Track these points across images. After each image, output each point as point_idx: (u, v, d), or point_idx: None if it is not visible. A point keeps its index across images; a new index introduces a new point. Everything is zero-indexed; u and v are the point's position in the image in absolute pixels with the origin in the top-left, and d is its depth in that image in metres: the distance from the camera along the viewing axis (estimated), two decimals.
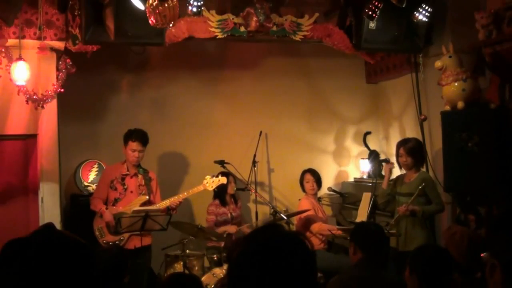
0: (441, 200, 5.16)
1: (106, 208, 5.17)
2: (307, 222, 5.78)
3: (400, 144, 5.34)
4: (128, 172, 5.34)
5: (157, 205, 5.23)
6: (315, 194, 6.01)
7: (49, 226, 1.43)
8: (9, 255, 1.34)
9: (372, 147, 6.93)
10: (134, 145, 5.26)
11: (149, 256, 5.36)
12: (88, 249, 1.41)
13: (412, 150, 5.23)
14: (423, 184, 5.03)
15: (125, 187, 5.30)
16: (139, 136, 5.27)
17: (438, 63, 5.23)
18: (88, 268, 1.38)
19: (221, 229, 5.75)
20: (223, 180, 5.58)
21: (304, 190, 6.04)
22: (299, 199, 6.09)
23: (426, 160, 5.61)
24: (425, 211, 5.04)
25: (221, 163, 5.74)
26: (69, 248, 1.38)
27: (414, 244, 5.03)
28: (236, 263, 1.46)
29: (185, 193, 5.40)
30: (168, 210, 5.24)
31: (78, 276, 1.35)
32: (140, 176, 5.37)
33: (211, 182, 5.47)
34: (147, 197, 5.29)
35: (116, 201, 5.27)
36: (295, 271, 1.40)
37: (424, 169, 5.46)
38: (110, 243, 5.08)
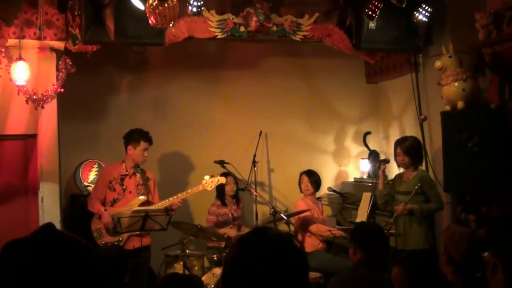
0: (439, 198, 5.16)
1: (105, 209, 5.17)
2: (304, 223, 5.78)
3: (397, 143, 5.34)
4: (127, 172, 5.34)
5: (156, 205, 5.23)
6: (312, 195, 5.98)
7: (49, 226, 1.42)
8: (9, 256, 1.34)
9: (372, 147, 6.93)
10: (146, 145, 5.29)
11: (148, 256, 5.36)
12: (88, 249, 1.41)
13: (409, 149, 5.22)
14: (419, 184, 5.03)
15: (124, 187, 5.29)
16: (148, 136, 5.32)
17: (438, 63, 5.24)
18: (88, 268, 1.38)
19: (221, 232, 5.74)
20: (222, 180, 5.57)
21: (301, 191, 6.05)
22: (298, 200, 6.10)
23: (426, 159, 5.61)
24: (423, 209, 5.04)
25: (221, 163, 5.74)
26: (69, 248, 1.38)
27: (412, 242, 5.05)
28: (228, 267, 1.48)
29: (184, 193, 5.39)
30: (167, 210, 5.24)
31: (78, 276, 1.35)
32: (138, 176, 5.37)
33: (210, 182, 5.46)
34: (146, 197, 5.29)
35: (115, 201, 5.26)
36: (285, 273, 1.43)
37: (423, 167, 5.46)
38: (109, 244, 5.07)
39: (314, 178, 5.97)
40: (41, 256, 1.33)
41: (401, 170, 5.43)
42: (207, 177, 5.48)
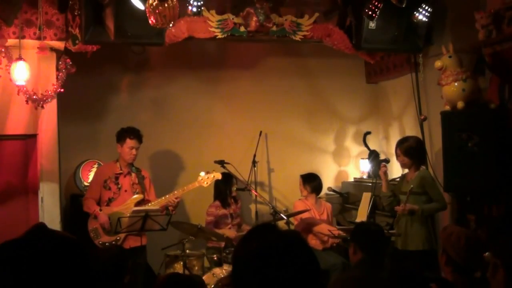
0: (442, 197, 5.15)
1: (100, 209, 5.16)
2: (309, 225, 5.78)
3: (397, 144, 5.35)
4: (121, 171, 5.33)
5: (153, 203, 5.23)
6: (308, 197, 5.96)
7: (41, 226, 1.42)
8: (1, 258, 1.33)
9: (372, 147, 6.93)
10: (132, 142, 5.26)
11: (145, 256, 5.37)
12: (81, 248, 1.40)
13: (408, 150, 5.22)
14: (412, 186, 5.02)
15: (119, 186, 5.29)
16: (136, 134, 5.29)
17: (438, 63, 5.23)
18: (81, 266, 1.37)
19: (219, 233, 5.74)
20: (217, 176, 5.55)
21: None
22: (298, 199, 6.10)
23: (426, 159, 5.60)
24: (424, 209, 5.03)
25: (221, 163, 5.74)
26: (62, 247, 1.36)
27: (412, 243, 5.04)
28: (240, 264, 1.47)
29: (181, 190, 5.38)
30: (167, 209, 5.24)
31: (73, 275, 1.34)
32: (133, 175, 5.36)
33: (206, 179, 5.44)
34: (142, 195, 5.29)
35: (110, 201, 5.25)
36: (300, 269, 1.43)
37: (424, 167, 5.45)
38: (106, 244, 5.07)
39: (311, 181, 5.95)
40: (34, 256, 1.32)
41: (406, 170, 5.43)
42: (202, 173, 5.46)
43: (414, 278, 2.73)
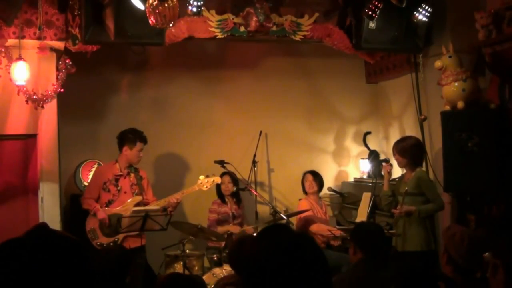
0: (439, 198, 5.15)
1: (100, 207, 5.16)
2: (306, 223, 5.79)
3: (394, 144, 5.37)
4: (121, 173, 5.32)
5: (152, 205, 5.22)
6: (315, 194, 5.99)
7: (42, 226, 1.42)
8: (2, 256, 1.33)
9: (372, 147, 6.93)
10: (141, 145, 5.29)
11: (145, 256, 5.36)
12: (83, 248, 1.40)
13: (404, 150, 5.22)
14: (406, 188, 5.01)
15: (119, 188, 5.28)
16: (144, 136, 5.32)
17: (438, 63, 5.24)
18: (82, 267, 1.37)
19: (223, 229, 5.75)
20: (217, 180, 5.57)
21: (305, 191, 6.05)
22: (299, 199, 6.11)
23: (426, 159, 5.60)
24: (421, 210, 5.03)
25: (221, 163, 5.75)
26: (63, 247, 1.36)
27: (410, 244, 5.04)
28: (251, 263, 1.47)
29: (180, 193, 5.38)
30: (165, 210, 5.23)
31: (73, 275, 1.34)
32: (132, 175, 5.36)
33: (206, 182, 5.46)
34: (141, 197, 5.28)
35: (109, 202, 5.24)
36: (312, 269, 1.45)
37: (423, 168, 5.45)
38: (104, 245, 5.07)
39: (318, 178, 6.00)
40: (35, 256, 1.32)
41: (404, 170, 5.43)
42: (202, 177, 5.48)
43: (423, 276, 2.72)
